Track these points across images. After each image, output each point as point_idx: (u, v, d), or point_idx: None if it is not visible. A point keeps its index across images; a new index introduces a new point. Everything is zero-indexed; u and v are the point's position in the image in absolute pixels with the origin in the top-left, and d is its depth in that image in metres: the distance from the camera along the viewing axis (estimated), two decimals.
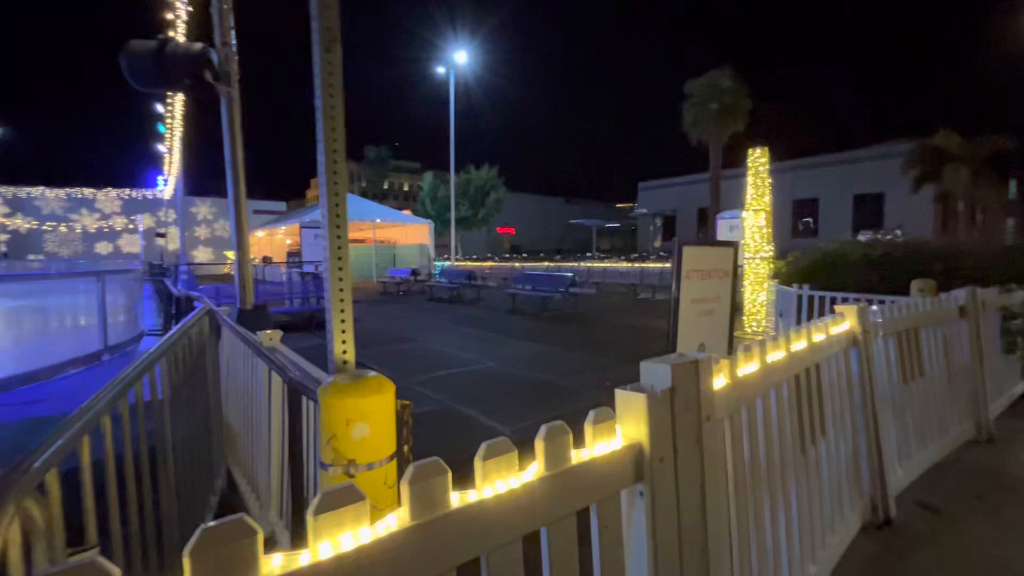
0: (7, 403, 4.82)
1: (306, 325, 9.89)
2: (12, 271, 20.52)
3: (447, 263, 25.40)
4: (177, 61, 3.56)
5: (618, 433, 1.06)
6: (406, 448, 1.45)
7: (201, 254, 33.38)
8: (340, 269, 1.47)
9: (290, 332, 8.91)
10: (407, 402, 1.45)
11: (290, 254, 23.50)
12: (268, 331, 2.49)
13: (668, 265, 17.09)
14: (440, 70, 28.53)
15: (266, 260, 24.91)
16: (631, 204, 62.50)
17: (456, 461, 0.84)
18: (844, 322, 2.46)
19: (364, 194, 60.60)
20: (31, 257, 28.67)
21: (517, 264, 24.78)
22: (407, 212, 36.09)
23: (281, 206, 40.97)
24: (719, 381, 1.35)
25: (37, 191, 29.19)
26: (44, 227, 29.63)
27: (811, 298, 6.17)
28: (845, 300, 5.10)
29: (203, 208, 34.27)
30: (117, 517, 1.34)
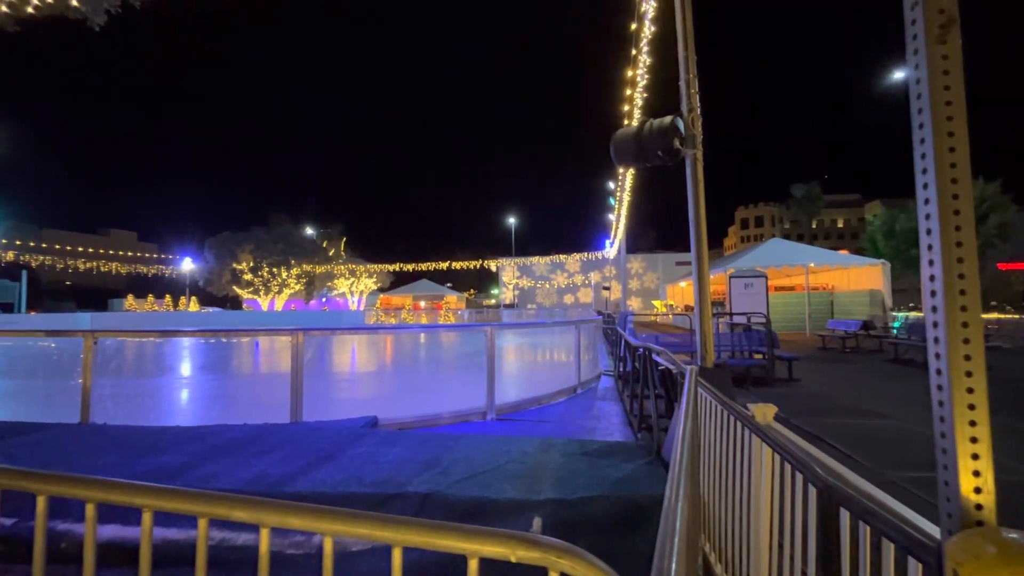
0: (525, 419, 6.47)
1: (740, 380, 9.33)
2: (520, 318, 29.52)
3: (913, 314, 19.40)
4: (652, 137, 3.98)
5: None
6: None
7: (633, 303, 38.30)
8: (969, 359, 0.96)
9: None
10: None
11: (713, 303, 23.57)
12: (760, 405, 2.18)
13: None
14: (897, 75, 23.04)
15: (687, 309, 25.96)
16: None
17: None
18: None
19: (788, 236, 55.69)
20: (528, 305, 40.48)
21: None
22: (843, 252, 30.35)
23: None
24: None
25: (534, 259, 41.18)
26: (536, 284, 41.42)
27: None
28: None
29: (635, 264, 39.51)
30: None
